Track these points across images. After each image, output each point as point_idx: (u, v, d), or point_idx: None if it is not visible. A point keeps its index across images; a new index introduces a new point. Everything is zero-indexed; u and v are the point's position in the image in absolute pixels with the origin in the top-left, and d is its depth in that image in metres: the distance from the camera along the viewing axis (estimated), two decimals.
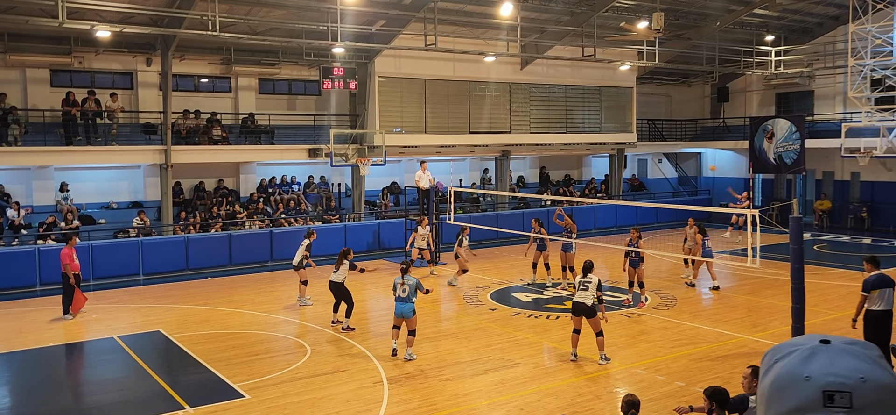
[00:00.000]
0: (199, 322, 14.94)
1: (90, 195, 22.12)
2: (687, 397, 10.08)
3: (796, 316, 10.95)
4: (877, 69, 24.96)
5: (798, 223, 11.01)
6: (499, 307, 15.89)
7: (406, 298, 11.87)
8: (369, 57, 23.80)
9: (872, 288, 10.63)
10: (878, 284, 10.66)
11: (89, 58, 21.81)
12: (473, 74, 25.72)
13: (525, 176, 31.04)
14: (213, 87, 24.63)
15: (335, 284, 14.05)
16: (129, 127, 22.37)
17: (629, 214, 28.68)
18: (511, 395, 10.39)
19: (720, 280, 17.97)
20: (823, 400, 1.26)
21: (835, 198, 29.52)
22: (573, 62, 26.92)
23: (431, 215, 21.12)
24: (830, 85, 30.10)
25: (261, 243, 21.76)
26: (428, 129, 25.17)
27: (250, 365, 11.91)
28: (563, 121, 28.50)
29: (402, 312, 11.91)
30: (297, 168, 25.41)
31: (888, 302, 10.62)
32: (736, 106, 33.29)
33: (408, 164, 27.28)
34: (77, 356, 13.55)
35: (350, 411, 9.83)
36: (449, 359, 12.13)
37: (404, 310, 11.88)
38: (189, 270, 20.46)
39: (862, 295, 10.71)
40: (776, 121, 28.50)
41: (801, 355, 1.34)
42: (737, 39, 29.36)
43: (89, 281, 18.48)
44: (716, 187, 33.38)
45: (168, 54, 20.82)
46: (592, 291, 11.36)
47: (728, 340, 13.14)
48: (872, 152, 25.09)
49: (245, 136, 23.74)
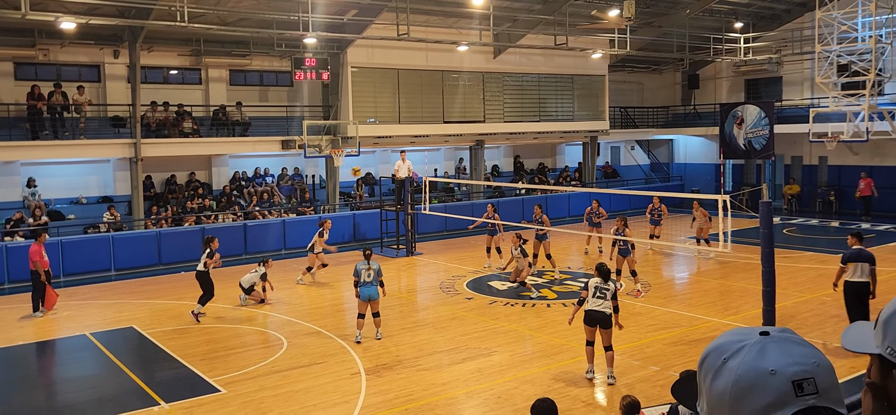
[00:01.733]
0: (172, 317, 14.79)
1: (58, 190, 21.73)
2: (662, 381, 10.22)
3: (767, 299, 11.15)
4: (843, 55, 25.39)
5: (768, 208, 11.19)
6: (475, 296, 15.94)
7: (371, 282, 12.45)
8: (341, 47, 23.64)
9: (848, 261, 11.54)
10: (853, 258, 11.53)
11: (54, 50, 21.38)
12: (446, 64, 25.68)
13: (500, 165, 31.11)
14: (183, 79, 24.30)
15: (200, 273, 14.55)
16: (98, 120, 21.99)
17: (603, 201, 28.82)
18: (488, 383, 10.45)
19: (691, 266, 18.27)
20: (794, 390, 1.28)
21: (803, 182, 30.03)
22: (546, 51, 27.01)
23: (407, 206, 21.10)
24: (798, 71, 30.55)
25: (235, 237, 21.56)
26: (402, 119, 25.10)
27: (226, 359, 11.82)
28: (536, 109, 28.59)
29: (369, 295, 12.40)
30: (270, 160, 25.20)
31: (863, 274, 11.40)
32: (706, 93, 33.67)
33: (382, 154, 27.20)
34: (48, 354, 13.34)
35: (328, 404, 9.81)
36: (426, 349, 12.15)
37: (371, 293, 12.41)
38: (162, 265, 20.22)
39: (840, 266, 11.66)
40: (745, 107, 28.89)
41: (753, 350, 1.33)
42: (707, 27, 29.67)
43: (59, 278, 18.19)
44: (687, 174, 33.79)
45: (136, 46, 20.48)
46: (609, 298, 10.18)
47: (701, 324, 13.33)
48: (839, 137, 25.54)
49: (216, 128, 23.47)
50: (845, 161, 28.21)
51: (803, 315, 13.62)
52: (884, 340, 1.46)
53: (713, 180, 31.19)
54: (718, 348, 1.38)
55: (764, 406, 1.28)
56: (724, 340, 1.39)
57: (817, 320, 13.26)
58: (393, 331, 13.20)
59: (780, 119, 28.52)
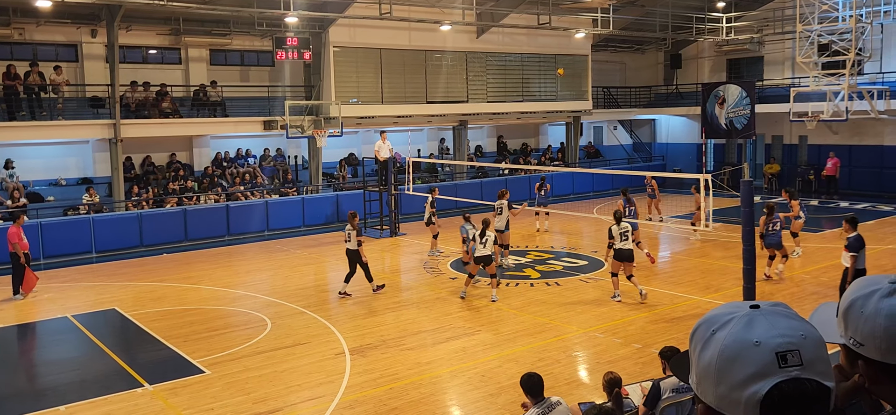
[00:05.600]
0: (155, 299, 14.70)
1: (37, 172, 21.46)
2: (643, 359, 10.35)
3: (747, 277, 11.26)
4: (824, 35, 25.57)
5: (748, 187, 11.28)
6: (459, 276, 15.97)
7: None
8: (323, 26, 23.44)
9: (860, 248, 11.37)
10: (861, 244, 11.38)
11: (30, 29, 21.03)
12: (429, 43, 25.56)
13: (483, 145, 31.10)
14: (163, 59, 24.00)
15: (351, 251, 14.20)
16: (76, 101, 21.69)
17: (586, 181, 29.02)
18: (472, 362, 10.52)
19: (674, 245, 18.39)
20: (778, 362, 1.30)
21: (784, 161, 30.32)
22: (529, 30, 26.94)
23: (390, 186, 21.06)
24: (779, 51, 30.74)
25: (217, 218, 21.44)
26: (384, 99, 24.98)
27: (210, 341, 11.79)
28: (519, 89, 28.56)
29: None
30: (252, 141, 25.02)
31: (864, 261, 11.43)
32: (688, 73, 33.81)
33: (365, 135, 27.09)
34: (30, 337, 13.23)
35: (312, 383, 9.83)
36: (410, 328, 12.19)
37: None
38: (143, 247, 20.08)
39: (852, 255, 11.37)
40: (727, 87, 29.01)
41: (741, 322, 1.35)
42: (689, 6, 29.72)
43: (39, 260, 18.01)
44: (669, 153, 33.98)
45: (114, 25, 20.18)
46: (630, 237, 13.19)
47: (682, 302, 13.48)
48: (819, 116, 25.79)
49: (197, 108, 23.23)
50: (825, 140, 28.49)
51: (782, 294, 13.80)
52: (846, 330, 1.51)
53: (695, 160, 31.41)
54: (708, 320, 1.40)
55: (747, 376, 1.30)
56: (715, 312, 1.41)
57: (795, 298, 13.46)
58: (377, 311, 13.22)
59: (761, 99, 28.70)
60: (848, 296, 1.53)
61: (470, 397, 9.35)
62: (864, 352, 1.47)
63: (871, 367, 1.48)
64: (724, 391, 1.33)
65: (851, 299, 1.51)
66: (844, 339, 1.53)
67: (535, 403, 6.50)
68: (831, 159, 27.45)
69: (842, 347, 1.56)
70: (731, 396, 1.32)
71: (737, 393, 1.31)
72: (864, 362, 1.48)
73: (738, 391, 1.31)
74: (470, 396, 9.38)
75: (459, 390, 9.63)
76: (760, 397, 1.28)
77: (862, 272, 11.36)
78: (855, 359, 1.52)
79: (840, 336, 1.54)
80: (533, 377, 6.60)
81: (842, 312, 1.53)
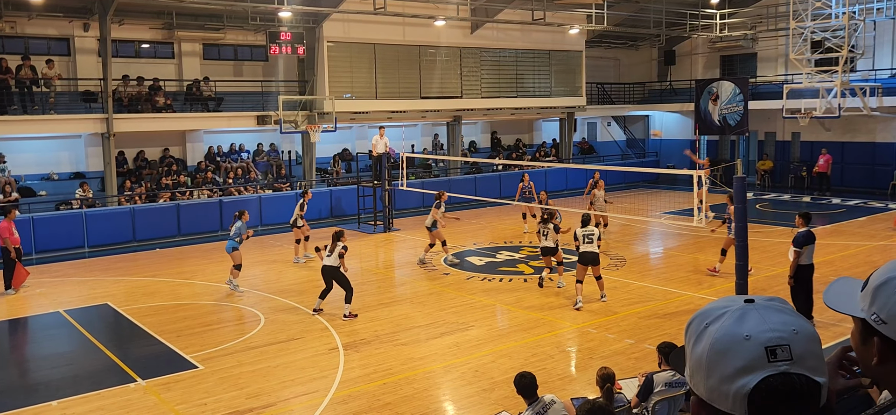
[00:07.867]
0: (148, 294, 14.67)
1: (29, 166, 21.35)
2: (636, 354, 10.38)
3: (740, 273, 11.32)
4: (817, 31, 25.66)
5: (741, 183, 11.33)
6: (452, 271, 16.00)
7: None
8: (317, 21, 23.38)
9: (804, 244, 11.15)
10: (809, 240, 11.20)
11: (21, 23, 20.90)
12: (424, 39, 25.52)
13: (477, 141, 31.10)
14: (156, 53, 23.90)
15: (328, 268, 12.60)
16: (68, 95, 21.58)
17: (580, 176, 29.04)
18: (466, 357, 10.53)
19: (668, 241, 18.44)
20: (767, 356, 1.31)
21: (776, 158, 30.41)
22: (523, 26, 26.92)
23: (384, 182, 21.04)
24: (773, 47, 30.82)
25: (210, 213, 21.38)
26: (379, 94, 24.94)
27: (203, 336, 11.77)
28: (513, 85, 28.56)
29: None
30: (245, 136, 24.95)
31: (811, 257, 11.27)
32: (682, 69, 33.86)
33: (359, 130, 27.04)
34: (22, 332, 13.19)
35: (305, 379, 9.83)
36: (404, 324, 12.20)
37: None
38: (136, 242, 20.02)
39: (796, 251, 11.19)
40: (721, 83, 29.08)
41: (733, 316, 1.35)
42: (683, 2, 29.76)
43: (31, 255, 17.94)
44: (663, 150, 34.04)
45: (106, 19, 20.08)
46: (595, 241, 12.74)
47: (675, 297, 13.52)
48: (812, 113, 25.87)
49: (190, 103, 23.16)
50: (818, 137, 28.59)
51: (775, 289, 13.85)
52: (871, 305, 1.47)
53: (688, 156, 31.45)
54: (703, 314, 1.41)
55: (736, 370, 1.31)
56: (709, 306, 1.42)
57: (788, 294, 13.51)
58: (370, 306, 13.22)
59: (754, 95, 28.78)
60: (885, 273, 1.48)
61: (463, 392, 9.37)
62: (886, 331, 1.45)
63: (886, 344, 1.46)
64: (715, 384, 1.34)
65: (889, 277, 1.46)
66: (865, 314, 1.49)
67: (529, 403, 6.49)
68: (823, 156, 27.57)
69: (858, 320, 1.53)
70: (721, 389, 1.33)
71: (726, 386, 1.32)
72: (880, 338, 1.47)
73: (728, 384, 1.31)
74: (463, 391, 9.39)
75: (453, 386, 9.65)
76: (748, 390, 1.29)
77: (807, 268, 11.24)
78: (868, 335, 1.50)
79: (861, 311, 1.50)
80: (526, 377, 6.57)
81: (874, 287, 1.48)
